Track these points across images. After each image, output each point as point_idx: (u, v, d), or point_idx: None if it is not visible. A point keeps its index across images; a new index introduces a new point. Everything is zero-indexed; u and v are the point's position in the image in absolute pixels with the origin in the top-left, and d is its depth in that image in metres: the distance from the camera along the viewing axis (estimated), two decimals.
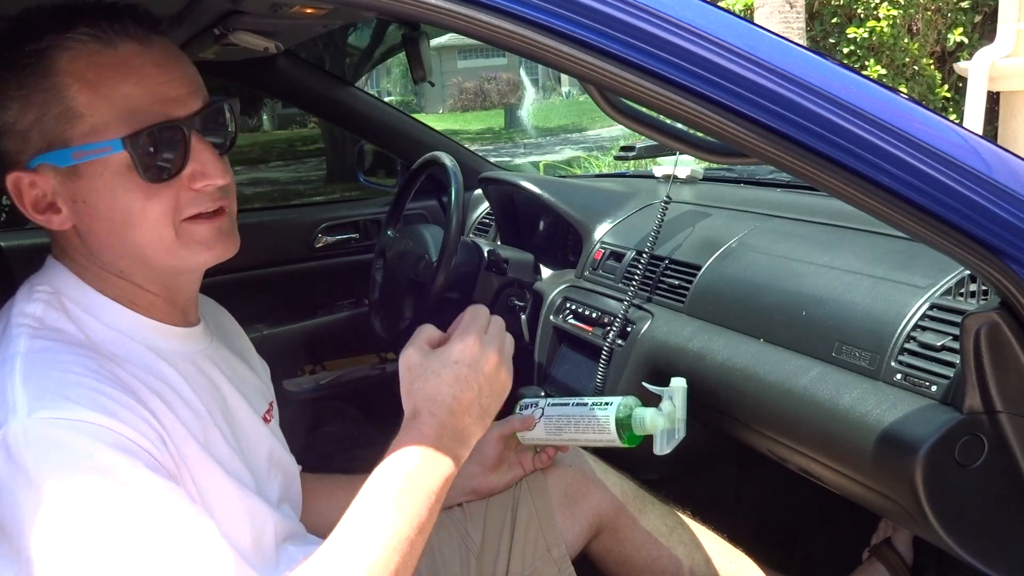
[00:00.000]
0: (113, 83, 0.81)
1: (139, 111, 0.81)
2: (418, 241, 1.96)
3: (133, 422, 0.76)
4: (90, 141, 0.81)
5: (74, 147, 0.81)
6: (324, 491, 1.21)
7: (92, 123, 0.81)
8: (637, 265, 1.68)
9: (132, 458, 0.74)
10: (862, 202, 0.78)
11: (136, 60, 0.82)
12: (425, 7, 0.69)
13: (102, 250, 0.86)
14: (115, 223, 0.84)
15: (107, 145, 0.81)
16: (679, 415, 1.05)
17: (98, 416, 0.74)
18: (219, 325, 1.07)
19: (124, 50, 0.82)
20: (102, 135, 0.81)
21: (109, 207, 0.83)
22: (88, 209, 0.84)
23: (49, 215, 0.85)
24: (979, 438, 0.96)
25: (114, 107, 0.81)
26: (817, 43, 6.79)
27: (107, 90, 0.81)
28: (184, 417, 0.85)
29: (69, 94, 0.80)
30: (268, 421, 1.04)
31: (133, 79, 0.82)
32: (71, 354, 0.79)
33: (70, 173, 0.82)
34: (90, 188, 0.83)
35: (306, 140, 16.39)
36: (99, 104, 0.81)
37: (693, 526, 1.36)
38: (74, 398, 0.74)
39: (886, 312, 1.15)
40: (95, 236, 0.85)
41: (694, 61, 0.73)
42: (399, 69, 28.28)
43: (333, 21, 1.72)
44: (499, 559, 1.22)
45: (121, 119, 0.81)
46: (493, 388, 0.94)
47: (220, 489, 0.87)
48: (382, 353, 2.48)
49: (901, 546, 1.47)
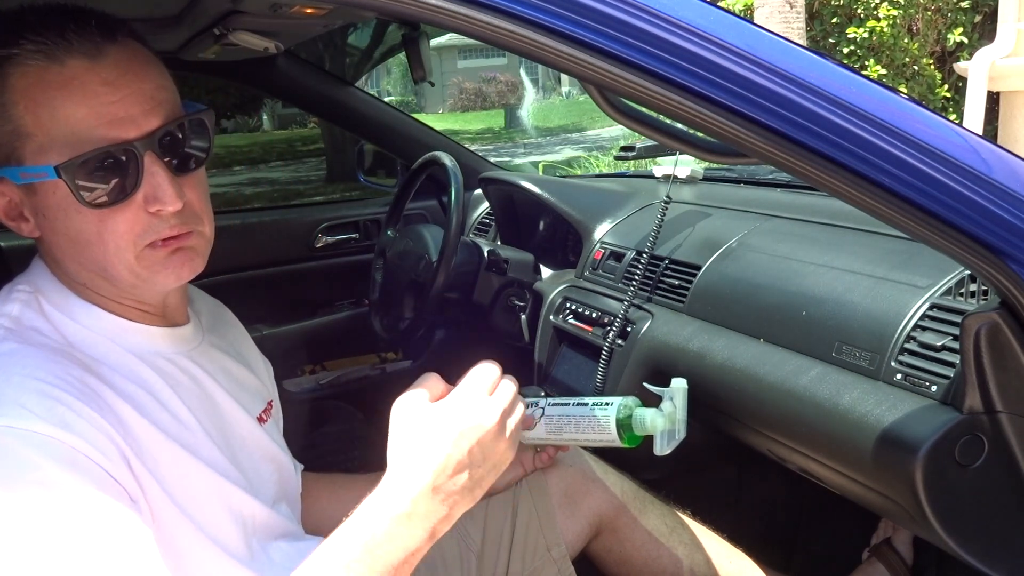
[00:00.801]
0: (57, 103, 0.78)
1: (84, 134, 0.78)
2: (418, 241, 1.96)
3: (89, 435, 0.75)
4: (37, 163, 0.79)
5: (24, 166, 0.79)
6: (325, 490, 1.21)
7: (39, 143, 0.79)
8: (637, 265, 1.68)
9: (80, 474, 0.72)
10: (862, 202, 0.78)
11: (83, 78, 0.78)
12: (425, 7, 0.68)
13: (65, 261, 0.85)
14: (72, 240, 0.83)
15: (43, 171, 0.78)
16: (680, 416, 1.04)
17: (51, 428, 0.72)
18: (216, 323, 1.06)
19: (71, 67, 0.78)
20: (47, 157, 0.78)
21: (64, 225, 0.82)
22: (48, 223, 0.83)
23: (19, 223, 0.85)
24: (979, 438, 0.96)
25: (58, 129, 0.78)
26: (817, 43, 6.79)
27: (51, 111, 0.78)
28: (160, 420, 0.84)
29: (16, 113, 0.79)
30: (264, 421, 1.03)
31: (78, 99, 0.78)
32: (39, 359, 0.78)
33: (28, 188, 0.82)
34: (46, 205, 0.82)
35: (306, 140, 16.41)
36: (45, 125, 0.78)
37: (693, 526, 1.36)
38: (31, 406, 0.73)
39: (886, 312, 1.15)
40: (58, 248, 0.85)
41: (694, 61, 0.73)
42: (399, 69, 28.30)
43: (333, 21, 1.72)
44: (499, 559, 1.22)
45: (65, 141, 0.78)
46: (488, 458, 0.83)
47: (203, 490, 0.86)
48: (382, 353, 2.48)
49: (901, 546, 1.47)
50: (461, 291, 1.97)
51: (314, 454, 1.77)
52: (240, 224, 2.35)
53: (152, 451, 0.82)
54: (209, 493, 0.87)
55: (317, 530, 1.11)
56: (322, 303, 2.50)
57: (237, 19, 1.52)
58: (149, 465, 0.81)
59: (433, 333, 2.41)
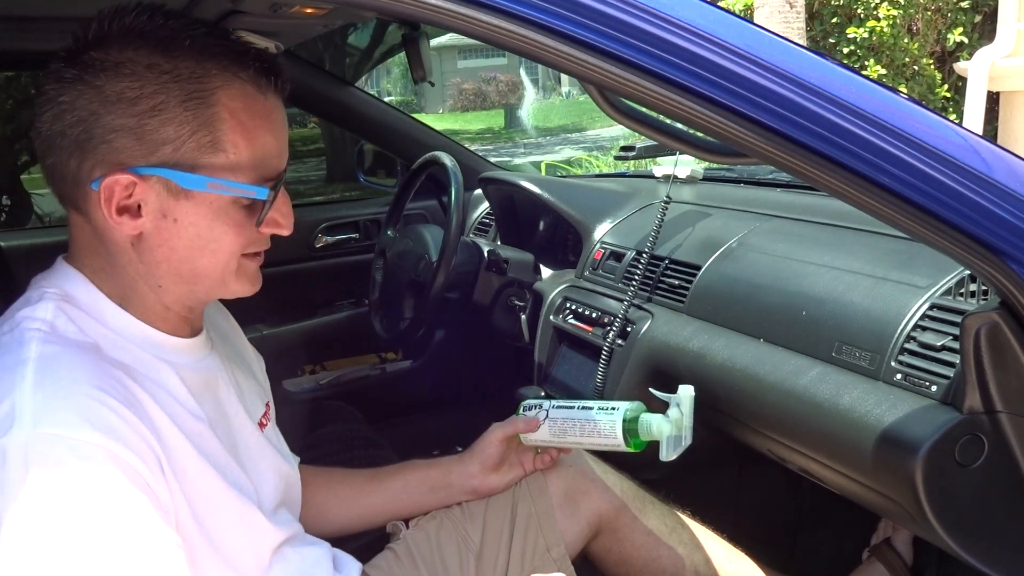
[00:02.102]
0: (260, 131, 0.85)
1: (268, 161, 0.87)
2: (418, 241, 1.96)
3: (134, 443, 0.76)
4: (225, 177, 0.84)
5: (208, 176, 0.83)
6: (324, 485, 1.21)
7: (230, 160, 0.84)
8: (637, 265, 1.68)
9: (126, 486, 0.73)
10: (862, 202, 0.78)
11: (276, 114, 0.88)
12: (425, 7, 0.69)
13: (158, 264, 0.86)
14: (193, 246, 0.86)
15: (251, 189, 0.85)
16: (686, 422, 1.05)
17: (99, 436, 0.73)
18: (217, 327, 1.06)
19: (271, 102, 0.87)
20: (238, 175, 0.84)
21: (198, 232, 0.85)
22: (175, 227, 0.85)
23: (124, 218, 0.84)
24: (979, 438, 0.96)
25: (254, 152, 0.85)
26: (817, 43, 6.78)
27: (253, 136, 0.85)
28: (187, 428, 0.85)
29: (222, 128, 0.83)
30: (264, 426, 1.03)
31: (273, 131, 0.87)
32: (82, 361, 0.79)
33: (180, 192, 0.83)
34: (192, 211, 0.84)
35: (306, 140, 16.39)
36: (243, 146, 0.84)
37: (693, 526, 1.36)
38: (83, 413, 0.74)
39: (886, 312, 1.15)
40: (161, 250, 0.85)
41: (694, 61, 0.73)
42: (399, 69, 28.29)
43: (333, 21, 1.72)
44: (499, 559, 1.22)
45: (254, 164, 0.85)
46: None
47: (218, 498, 0.87)
48: (382, 353, 2.48)
49: (901, 546, 1.47)
50: (461, 291, 1.97)
51: (314, 454, 1.77)
52: None
53: (181, 460, 0.83)
54: (224, 506, 0.88)
55: (315, 525, 1.11)
56: (322, 303, 2.50)
57: (237, 19, 1.52)
58: (179, 475, 0.82)
59: (433, 333, 2.42)
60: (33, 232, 1.99)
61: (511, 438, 1.24)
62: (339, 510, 1.23)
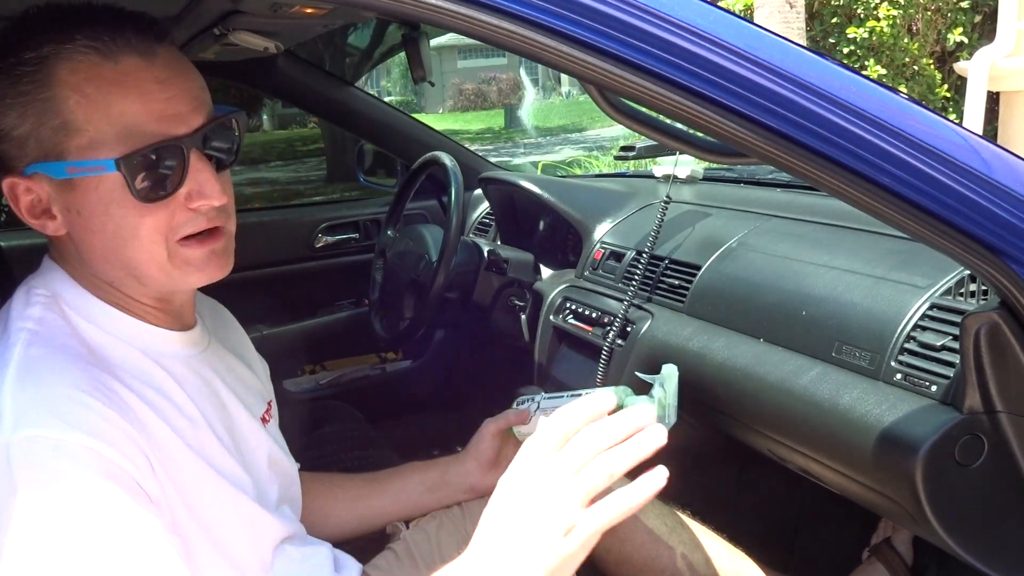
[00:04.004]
0: (112, 99, 0.79)
1: (137, 129, 0.79)
2: (418, 241, 1.96)
3: (119, 442, 0.75)
4: (86, 157, 0.79)
5: (69, 161, 0.79)
6: (323, 490, 1.21)
7: (89, 138, 0.79)
8: (637, 265, 1.68)
9: (111, 483, 0.72)
10: (862, 202, 0.78)
11: (137, 75, 0.80)
12: (425, 7, 0.68)
13: (94, 260, 0.85)
14: (107, 237, 0.82)
15: (101, 164, 0.79)
16: (670, 401, 1.05)
17: (82, 436, 0.72)
18: (217, 325, 1.06)
19: (126, 64, 0.79)
20: (98, 152, 0.79)
21: (102, 221, 0.82)
22: (81, 220, 0.82)
23: (44, 220, 0.84)
24: (979, 438, 0.96)
25: (112, 124, 0.79)
26: (817, 43, 6.78)
27: (106, 106, 0.78)
28: (178, 425, 0.84)
29: (67, 107, 0.78)
30: (267, 422, 1.03)
31: (133, 96, 0.79)
32: (66, 363, 0.78)
33: (65, 184, 0.81)
34: (84, 201, 0.81)
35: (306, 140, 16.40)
36: (97, 120, 0.78)
37: (693, 526, 1.36)
38: (62, 414, 0.73)
39: (886, 312, 1.15)
40: (87, 246, 0.84)
41: (694, 61, 0.73)
42: (399, 69, 28.29)
43: (333, 21, 1.72)
44: None
45: (118, 137, 0.79)
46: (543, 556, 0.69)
47: (215, 495, 0.87)
48: (382, 353, 2.48)
49: (901, 546, 1.47)
50: (461, 291, 1.97)
51: (314, 454, 1.77)
52: (240, 224, 2.33)
53: (174, 458, 0.82)
54: (222, 501, 0.87)
55: (315, 529, 1.11)
56: (322, 303, 2.50)
57: (237, 19, 1.52)
58: (172, 473, 0.81)
59: (433, 333, 2.42)
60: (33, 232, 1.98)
61: (505, 434, 1.24)
62: (339, 514, 1.22)
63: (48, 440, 0.71)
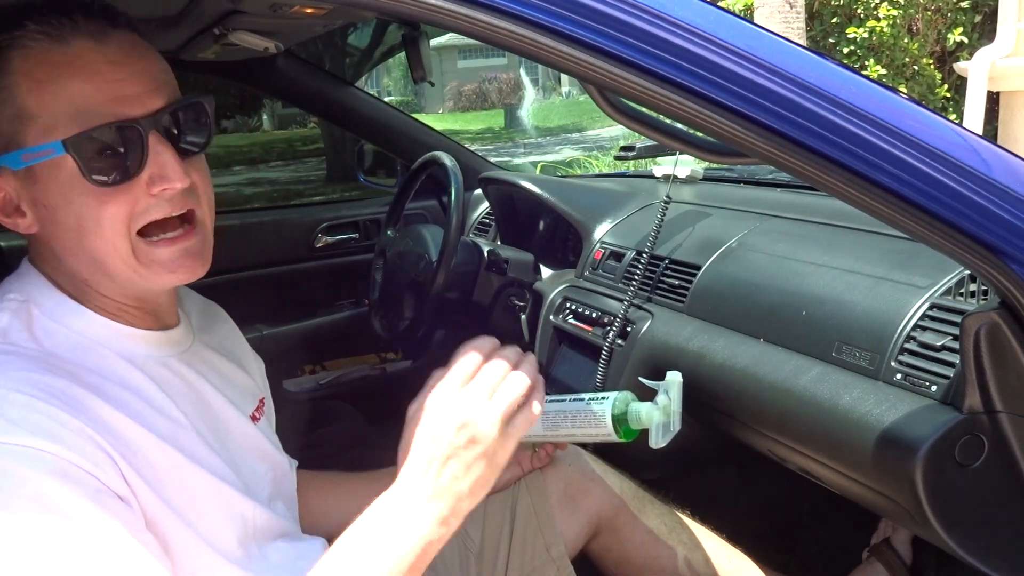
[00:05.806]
0: (62, 81, 0.78)
1: (88, 110, 0.78)
2: (418, 241, 1.96)
3: (77, 445, 0.74)
4: (40, 142, 0.78)
5: (23, 148, 0.79)
6: (323, 489, 1.21)
7: (43, 124, 0.78)
8: (637, 265, 1.68)
9: (72, 485, 0.72)
10: (862, 202, 0.78)
11: (88, 56, 0.79)
12: (425, 7, 0.68)
13: (66, 256, 0.84)
14: (71, 229, 0.81)
15: (50, 148, 0.78)
16: (675, 408, 1.05)
17: (39, 440, 0.72)
18: (205, 323, 1.05)
19: (76, 47, 0.78)
20: (51, 136, 0.78)
21: (64, 212, 0.81)
22: (47, 213, 0.82)
23: (16, 218, 0.83)
24: (979, 438, 0.96)
25: (62, 106, 0.78)
26: (817, 43, 6.79)
27: (55, 88, 0.77)
28: (155, 425, 0.83)
29: (20, 94, 0.78)
30: (257, 419, 1.03)
31: (82, 76, 0.78)
32: (25, 371, 0.77)
33: (27, 176, 0.80)
34: (46, 191, 0.80)
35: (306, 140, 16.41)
36: (48, 103, 0.78)
37: (693, 526, 1.36)
38: (17, 420, 0.72)
39: (886, 312, 1.15)
40: (57, 241, 0.83)
41: (694, 61, 0.73)
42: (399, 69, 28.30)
43: (333, 21, 1.72)
44: (498, 559, 1.22)
45: (70, 119, 0.78)
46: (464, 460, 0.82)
47: (198, 492, 0.86)
48: (382, 353, 2.48)
49: (900, 546, 1.47)
50: (461, 291, 1.97)
51: (314, 454, 1.77)
52: (240, 224, 2.35)
53: (148, 457, 0.81)
54: (206, 497, 0.87)
55: (316, 529, 1.11)
56: (322, 303, 2.50)
57: (237, 19, 1.52)
58: (145, 472, 0.80)
59: (433, 333, 2.41)
60: None
61: None
62: (338, 513, 1.22)
63: (5, 445, 0.70)
